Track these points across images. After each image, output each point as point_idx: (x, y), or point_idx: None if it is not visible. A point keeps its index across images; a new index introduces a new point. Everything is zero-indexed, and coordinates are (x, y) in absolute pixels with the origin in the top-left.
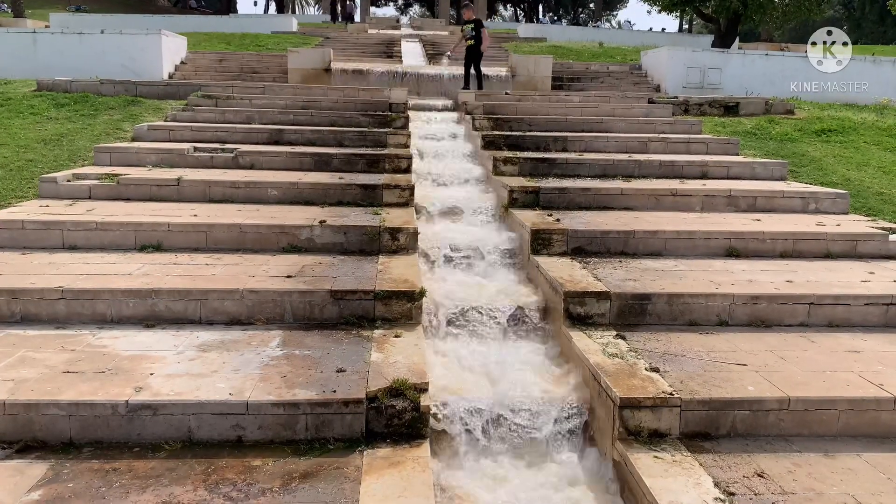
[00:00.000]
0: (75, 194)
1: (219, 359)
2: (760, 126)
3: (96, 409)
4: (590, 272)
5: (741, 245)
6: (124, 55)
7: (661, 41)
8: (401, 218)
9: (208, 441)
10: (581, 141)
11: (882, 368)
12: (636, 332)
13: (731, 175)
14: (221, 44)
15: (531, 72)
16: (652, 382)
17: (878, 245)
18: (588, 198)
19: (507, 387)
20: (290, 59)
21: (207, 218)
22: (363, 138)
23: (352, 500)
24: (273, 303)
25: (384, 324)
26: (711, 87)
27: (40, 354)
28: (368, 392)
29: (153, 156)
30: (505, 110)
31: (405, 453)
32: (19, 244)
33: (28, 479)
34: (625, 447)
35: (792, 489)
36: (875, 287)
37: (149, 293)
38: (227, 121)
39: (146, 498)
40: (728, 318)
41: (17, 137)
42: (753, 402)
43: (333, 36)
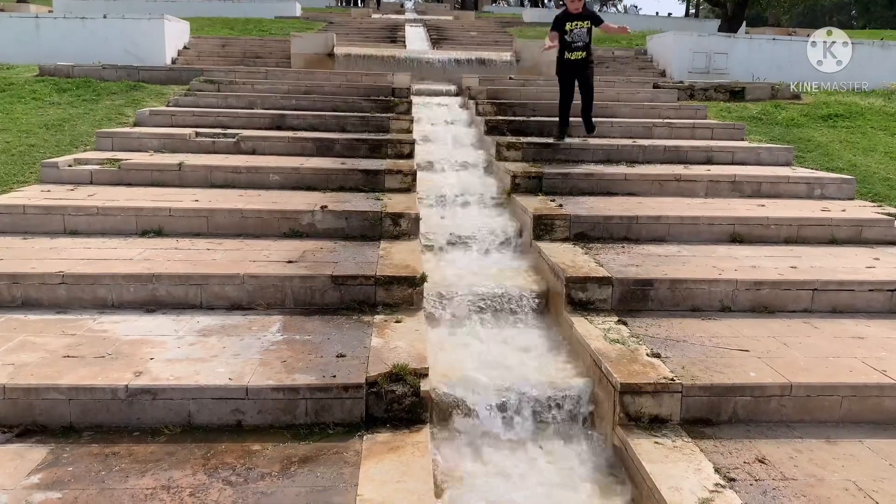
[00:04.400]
0: (77, 179)
1: (219, 344)
2: (766, 111)
3: (96, 393)
4: (592, 258)
5: (745, 231)
6: (127, 40)
7: (667, 26)
8: (403, 203)
9: (208, 426)
10: None
11: (885, 355)
12: (638, 318)
13: (735, 160)
14: (225, 28)
15: (535, 57)
16: (653, 368)
17: (884, 231)
18: (591, 183)
19: (506, 372)
20: (293, 43)
21: (209, 203)
22: (366, 123)
23: (351, 484)
24: (274, 288)
25: (385, 309)
26: (717, 71)
27: (41, 339)
28: (368, 377)
29: (155, 141)
30: (508, 95)
31: (405, 438)
32: (20, 229)
33: (28, 462)
34: (625, 433)
35: (793, 475)
36: (880, 273)
37: (150, 278)
38: (229, 106)
39: (146, 482)
40: (731, 303)
41: (19, 122)
42: (755, 388)
43: (337, 21)
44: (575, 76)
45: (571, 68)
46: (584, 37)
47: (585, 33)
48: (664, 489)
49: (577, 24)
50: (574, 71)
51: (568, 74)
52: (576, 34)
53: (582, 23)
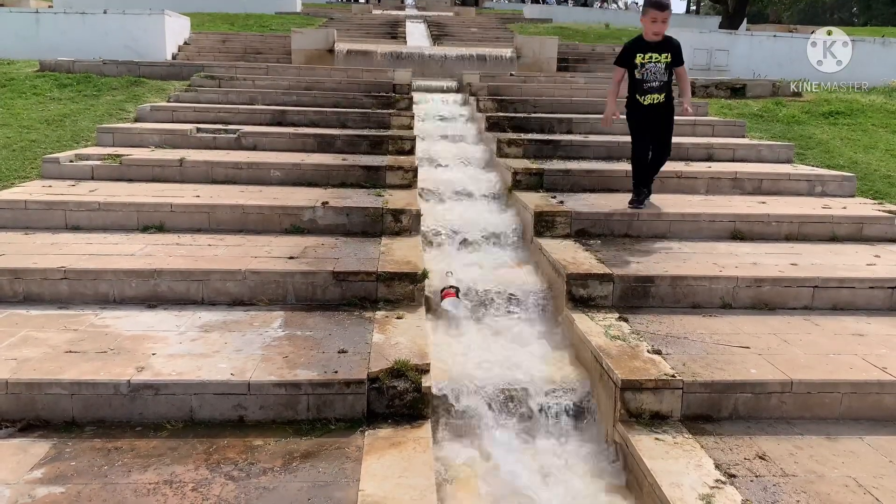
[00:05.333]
0: (78, 175)
1: (221, 339)
2: (767, 108)
3: (98, 388)
4: (593, 254)
5: (746, 228)
6: (127, 35)
7: None
8: (404, 199)
9: (210, 421)
10: (586, 123)
11: (886, 352)
12: (639, 315)
13: (736, 157)
14: (225, 24)
15: (536, 53)
16: (654, 364)
17: (885, 228)
18: (592, 180)
19: (506, 368)
20: (294, 39)
21: (210, 199)
22: (366, 119)
23: (353, 479)
24: (275, 284)
25: (386, 305)
26: (718, 68)
27: (43, 334)
28: (370, 373)
29: (156, 136)
30: (509, 92)
31: (406, 434)
32: (22, 224)
33: (31, 457)
34: (626, 429)
35: (793, 471)
36: (880, 270)
37: (151, 273)
38: (229, 101)
39: (148, 477)
40: (732, 300)
41: (19, 118)
42: (756, 385)
43: (338, 17)
44: (650, 126)
45: (645, 116)
46: (662, 74)
47: (663, 70)
48: (665, 485)
49: (653, 56)
50: (649, 119)
51: (641, 123)
52: (649, 70)
53: (659, 56)
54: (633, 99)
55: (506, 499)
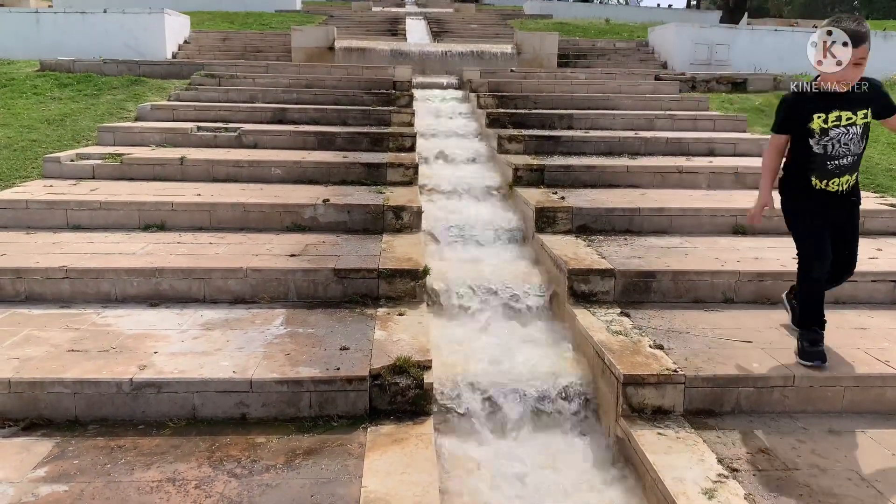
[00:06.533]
0: (79, 174)
1: (223, 337)
2: (769, 103)
3: (101, 387)
4: (594, 250)
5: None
6: (127, 34)
7: (668, 17)
8: (405, 196)
9: (212, 418)
10: (587, 118)
11: (888, 345)
12: (641, 310)
13: (738, 152)
14: (225, 22)
15: (537, 49)
16: (656, 359)
17: (886, 222)
18: (593, 175)
19: (508, 363)
20: (294, 37)
21: (211, 197)
22: (367, 117)
23: (355, 476)
24: (277, 281)
25: (388, 302)
26: (719, 63)
27: (45, 333)
28: (372, 369)
29: (157, 135)
30: (510, 88)
31: (409, 430)
32: (23, 224)
33: (34, 456)
34: (628, 424)
35: (796, 465)
36: (882, 264)
37: (153, 272)
38: (230, 100)
39: (151, 474)
40: (733, 295)
41: (20, 118)
42: (758, 379)
43: (338, 14)
44: (830, 224)
45: (825, 208)
46: (858, 143)
47: (860, 136)
48: (667, 480)
49: (846, 116)
50: (830, 212)
51: (817, 219)
52: (840, 136)
53: (854, 115)
54: (803, 181)
55: (508, 494)
